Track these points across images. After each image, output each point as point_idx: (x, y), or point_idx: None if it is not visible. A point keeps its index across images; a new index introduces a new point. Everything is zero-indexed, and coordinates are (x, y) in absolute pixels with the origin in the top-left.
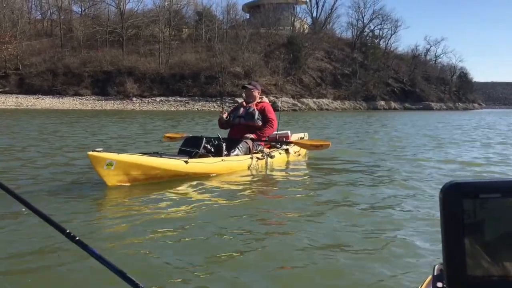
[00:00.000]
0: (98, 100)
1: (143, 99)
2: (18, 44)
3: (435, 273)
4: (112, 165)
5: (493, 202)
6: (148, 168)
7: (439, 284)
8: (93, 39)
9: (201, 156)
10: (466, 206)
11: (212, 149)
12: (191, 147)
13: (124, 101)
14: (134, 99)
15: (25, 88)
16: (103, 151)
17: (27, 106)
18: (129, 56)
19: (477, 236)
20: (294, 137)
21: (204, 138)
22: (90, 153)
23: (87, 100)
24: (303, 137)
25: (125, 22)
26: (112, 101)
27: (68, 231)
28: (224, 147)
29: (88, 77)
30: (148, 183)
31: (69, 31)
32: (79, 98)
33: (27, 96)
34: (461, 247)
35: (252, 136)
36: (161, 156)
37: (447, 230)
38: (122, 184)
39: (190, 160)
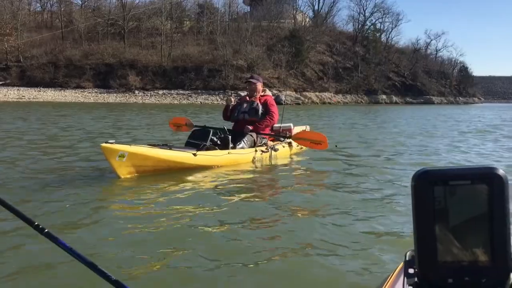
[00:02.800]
0: (100, 93)
1: (145, 92)
2: (19, 36)
3: (407, 259)
4: (124, 157)
5: (463, 189)
6: (159, 160)
7: (411, 270)
8: (94, 31)
9: (208, 148)
10: (436, 193)
11: (218, 142)
12: (198, 140)
13: (127, 94)
14: (136, 92)
15: (26, 80)
16: (116, 143)
17: (29, 98)
18: (131, 49)
19: (448, 223)
20: (296, 129)
21: (211, 131)
22: (103, 144)
23: (89, 93)
24: (305, 130)
25: (126, 14)
26: (115, 94)
27: (36, 223)
28: (230, 140)
29: (90, 70)
30: (157, 174)
31: (69, 23)
32: (81, 91)
33: (29, 88)
34: (432, 233)
35: (250, 128)
36: (170, 149)
37: (418, 216)
38: (133, 175)
39: (198, 152)
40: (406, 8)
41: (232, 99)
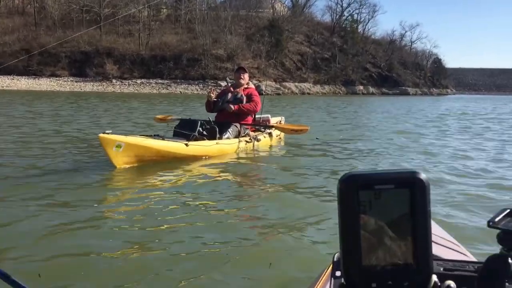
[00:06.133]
0: (76, 82)
1: (123, 81)
2: None
3: (335, 260)
4: (120, 147)
5: (387, 193)
6: (153, 150)
7: (338, 273)
8: (69, 17)
9: (196, 138)
10: (362, 197)
11: (204, 132)
12: (187, 130)
13: (104, 83)
14: (114, 81)
15: None
16: (112, 133)
17: (2, 87)
18: (107, 36)
19: (373, 226)
20: (272, 121)
21: (199, 121)
22: (101, 135)
23: (65, 81)
24: (280, 121)
25: (102, 0)
26: (92, 83)
27: None
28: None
29: (65, 58)
30: (150, 164)
31: (42, 9)
32: (56, 79)
33: (1, 76)
34: (357, 237)
35: (233, 107)
36: (163, 139)
37: (343, 220)
38: (128, 165)
39: (189, 143)
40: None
41: (212, 95)
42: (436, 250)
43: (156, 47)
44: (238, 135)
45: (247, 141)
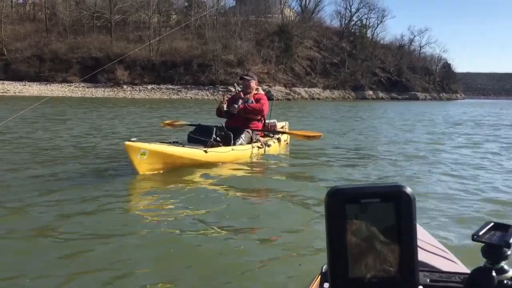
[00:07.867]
0: (88, 88)
1: (134, 86)
2: (2, 29)
3: (323, 271)
4: (145, 155)
5: (373, 206)
6: (174, 157)
7: (326, 285)
8: (80, 24)
9: (213, 145)
10: (348, 211)
11: (218, 138)
12: (203, 136)
13: (115, 89)
14: (125, 86)
15: (10, 74)
16: (137, 141)
17: (14, 93)
18: (118, 42)
19: (359, 240)
20: (277, 126)
21: (214, 128)
22: (127, 143)
23: (77, 87)
24: (284, 126)
25: (113, 6)
26: (103, 89)
27: None
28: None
29: (76, 64)
30: (171, 171)
31: (53, 16)
32: (68, 85)
33: (13, 82)
34: (344, 250)
35: (237, 106)
36: (183, 146)
37: (330, 234)
38: (150, 172)
39: (208, 149)
40: (391, 4)
41: (224, 105)
42: (425, 257)
43: (167, 53)
44: (250, 141)
45: (259, 147)
